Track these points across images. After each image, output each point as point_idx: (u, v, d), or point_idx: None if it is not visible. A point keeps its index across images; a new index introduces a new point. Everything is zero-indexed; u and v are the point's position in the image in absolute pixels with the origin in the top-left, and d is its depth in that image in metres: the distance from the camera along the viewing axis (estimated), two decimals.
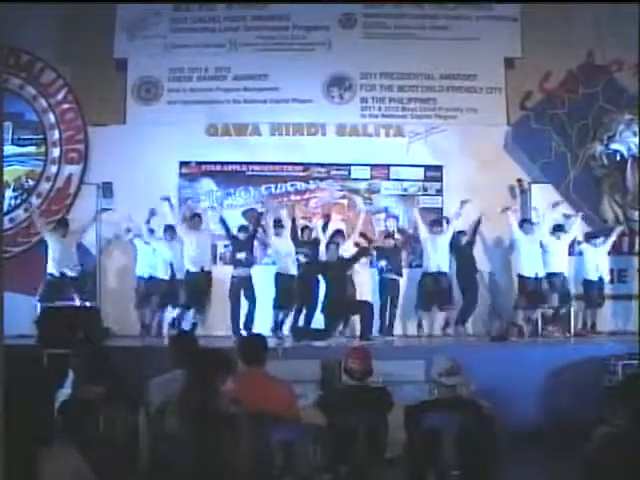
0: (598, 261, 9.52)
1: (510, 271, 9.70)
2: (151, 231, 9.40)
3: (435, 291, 9.32)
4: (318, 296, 8.92)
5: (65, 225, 9.35)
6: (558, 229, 9.39)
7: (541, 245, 9.33)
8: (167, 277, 9.33)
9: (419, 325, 9.47)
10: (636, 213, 10.04)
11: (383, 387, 4.63)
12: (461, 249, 9.43)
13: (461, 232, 9.45)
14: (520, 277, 9.34)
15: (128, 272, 9.68)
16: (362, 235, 9.70)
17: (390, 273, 9.26)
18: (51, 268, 9.06)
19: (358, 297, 9.17)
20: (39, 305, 8.84)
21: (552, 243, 9.34)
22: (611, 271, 9.72)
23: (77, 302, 8.88)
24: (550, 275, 9.28)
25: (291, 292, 9.06)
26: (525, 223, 9.42)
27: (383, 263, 9.27)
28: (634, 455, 2.65)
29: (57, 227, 9.30)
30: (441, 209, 10.09)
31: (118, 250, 9.90)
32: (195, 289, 9.19)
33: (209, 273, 9.32)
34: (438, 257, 9.29)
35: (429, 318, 9.60)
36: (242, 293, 9.07)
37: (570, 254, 9.59)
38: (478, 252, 9.67)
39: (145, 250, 9.41)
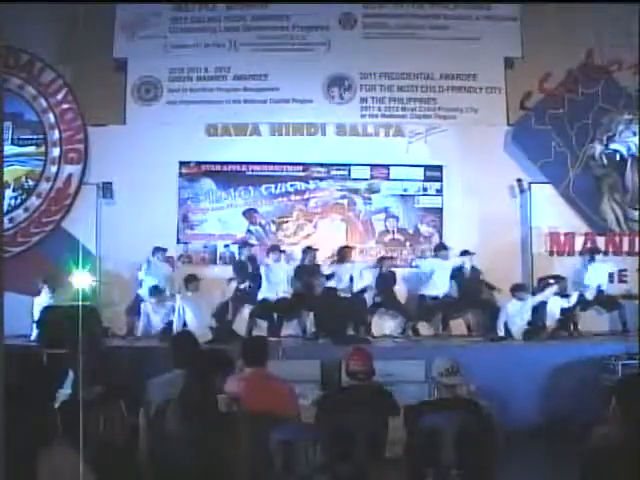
0: (598, 277, 9.31)
1: None
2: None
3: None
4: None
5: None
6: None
7: None
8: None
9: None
10: (636, 213, 10.03)
11: (388, 392, 4.56)
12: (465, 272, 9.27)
13: (466, 252, 9.32)
14: None
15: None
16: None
17: None
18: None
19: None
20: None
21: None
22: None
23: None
24: None
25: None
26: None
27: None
28: (633, 455, 2.66)
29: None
30: (441, 209, 10.10)
31: None
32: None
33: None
34: (439, 283, 9.18)
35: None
36: None
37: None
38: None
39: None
